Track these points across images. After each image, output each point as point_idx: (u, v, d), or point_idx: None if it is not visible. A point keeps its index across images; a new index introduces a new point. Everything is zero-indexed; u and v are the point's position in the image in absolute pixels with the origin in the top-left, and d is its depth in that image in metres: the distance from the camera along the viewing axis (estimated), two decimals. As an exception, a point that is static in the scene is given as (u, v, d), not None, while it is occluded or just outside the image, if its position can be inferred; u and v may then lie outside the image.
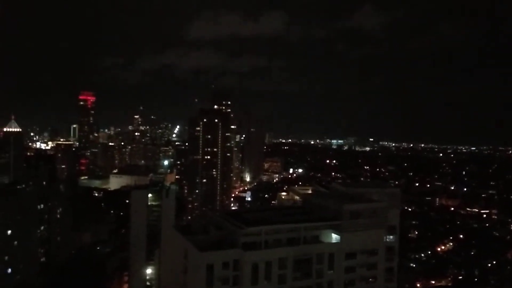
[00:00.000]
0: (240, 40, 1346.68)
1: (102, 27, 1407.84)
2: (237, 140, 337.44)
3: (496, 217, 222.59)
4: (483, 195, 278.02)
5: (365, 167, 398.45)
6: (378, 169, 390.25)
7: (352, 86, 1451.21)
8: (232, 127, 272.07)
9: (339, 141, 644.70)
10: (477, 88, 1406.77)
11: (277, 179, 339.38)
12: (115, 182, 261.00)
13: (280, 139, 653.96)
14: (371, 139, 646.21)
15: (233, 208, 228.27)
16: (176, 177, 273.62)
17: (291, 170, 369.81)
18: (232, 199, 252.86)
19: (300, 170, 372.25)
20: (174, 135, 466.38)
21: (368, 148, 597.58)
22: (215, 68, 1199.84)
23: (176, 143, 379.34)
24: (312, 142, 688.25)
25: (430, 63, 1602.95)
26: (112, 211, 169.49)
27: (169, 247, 58.99)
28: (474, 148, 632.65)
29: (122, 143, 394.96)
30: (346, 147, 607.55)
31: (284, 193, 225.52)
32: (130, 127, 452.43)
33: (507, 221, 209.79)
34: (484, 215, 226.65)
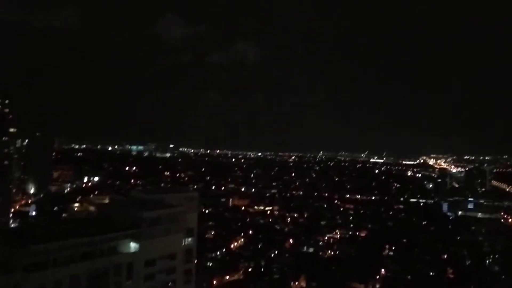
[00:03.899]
0: (27, 30, 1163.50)
1: None
2: (18, 146, 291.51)
3: (277, 212, 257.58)
4: (267, 194, 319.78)
5: (166, 173, 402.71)
6: (178, 175, 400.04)
7: (154, 93, 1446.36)
8: (12, 130, 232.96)
9: (139, 147, 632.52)
10: (266, 101, 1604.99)
11: (69, 189, 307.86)
12: None
13: (73, 145, 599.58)
14: (171, 145, 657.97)
15: (12, 225, 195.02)
16: None
17: (85, 179, 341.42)
18: (11, 215, 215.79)
19: (96, 179, 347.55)
20: None
21: (168, 154, 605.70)
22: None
23: None
24: (110, 149, 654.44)
25: (224, 77, 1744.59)
26: None
27: None
28: (260, 154, 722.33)
29: None
30: (146, 153, 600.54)
31: (77, 204, 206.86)
32: None
33: (285, 215, 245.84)
34: (268, 212, 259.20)
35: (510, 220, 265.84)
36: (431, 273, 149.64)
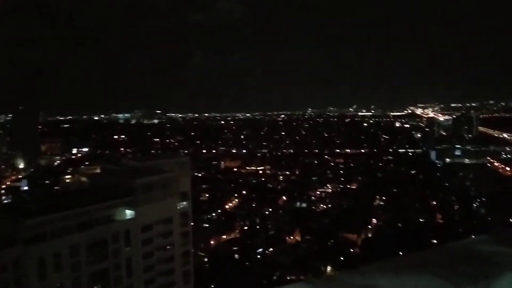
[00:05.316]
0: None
1: None
2: (2, 121, 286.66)
3: (269, 172, 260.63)
4: (258, 154, 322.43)
5: (155, 139, 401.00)
6: (168, 141, 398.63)
7: (137, 57, 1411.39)
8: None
9: (126, 115, 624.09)
10: (250, 61, 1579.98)
11: (58, 161, 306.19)
12: None
13: (58, 117, 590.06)
14: (158, 111, 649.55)
15: (5, 201, 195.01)
16: None
17: (74, 150, 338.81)
18: (3, 191, 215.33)
19: (85, 149, 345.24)
20: None
21: (156, 121, 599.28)
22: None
23: None
24: (96, 118, 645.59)
25: (208, 37, 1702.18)
26: None
27: None
28: (248, 114, 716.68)
29: None
30: (134, 121, 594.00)
31: (68, 176, 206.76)
32: None
33: (277, 174, 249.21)
34: (260, 171, 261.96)
35: (496, 164, 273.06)
36: (421, 220, 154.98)
